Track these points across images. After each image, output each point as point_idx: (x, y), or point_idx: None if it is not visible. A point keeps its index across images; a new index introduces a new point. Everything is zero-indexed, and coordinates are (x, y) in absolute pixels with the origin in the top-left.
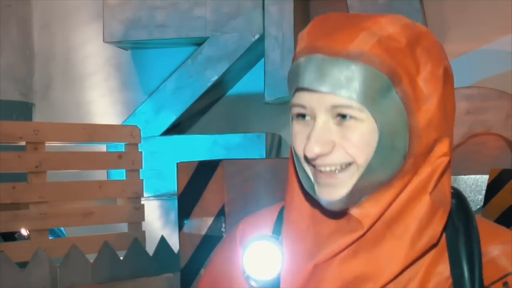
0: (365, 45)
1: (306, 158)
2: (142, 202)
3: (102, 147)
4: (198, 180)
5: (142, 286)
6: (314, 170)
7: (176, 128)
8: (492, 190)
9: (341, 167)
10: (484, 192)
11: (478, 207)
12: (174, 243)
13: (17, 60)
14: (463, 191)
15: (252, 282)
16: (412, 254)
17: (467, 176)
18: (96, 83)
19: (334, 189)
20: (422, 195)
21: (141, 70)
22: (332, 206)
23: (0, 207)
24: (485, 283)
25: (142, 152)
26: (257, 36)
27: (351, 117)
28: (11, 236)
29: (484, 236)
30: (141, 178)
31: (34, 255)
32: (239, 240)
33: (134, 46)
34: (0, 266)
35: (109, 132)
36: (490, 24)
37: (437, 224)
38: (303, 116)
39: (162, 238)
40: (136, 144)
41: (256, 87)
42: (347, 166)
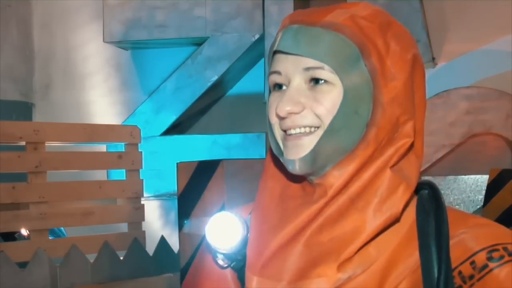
0: (338, 18)
1: (278, 120)
2: (142, 202)
3: (102, 147)
4: (198, 180)
5: (142, 286)
6: (284, 135)
7: (176, 128)
8: (492, 190)
9: (309, 130)
10: (484, 192)
11: (478, 207)
12: (174, 243)
13: (17, 60)
14: (463, 191)
15: (220, 256)
16: (373, 226)
17: (467, 176)
18: (96, 83)
19: (300, 148)
20: (384, 169)
21: (141, 70)
22: (297, 168)
23: (0, 207)
24: (454, 265)
25: (142, 152)
26: (257, 36)
27: (323, 81)
28: (11, 236)
29: (453, 220)
30: (141, 178)
31: (34, 255)
32: None
33: (134, 46)
34: (0, 266)
35: (109, 132)
36: (490, 24)
37: (399, 199)
38: (280, 86)
39: (162, 238)
40: (136, 144)
41: (256, 87)
42: (315, 129)
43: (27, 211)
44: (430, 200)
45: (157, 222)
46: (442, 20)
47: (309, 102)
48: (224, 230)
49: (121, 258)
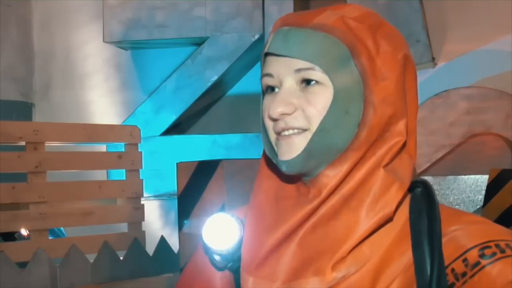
0: (328, 19)
1: (271, 123)
2: (142, 202)
3: (102, 147)
4: (198, 180)
5: (142, 286)
6: (277, 137)
7: (176, 128)
8: (492, 190)
9: (298, 131)
10: (484, 192)
11: (478, 207)
12: (174, 243)
13: (17, 60)
14: (463, 191)
15: (216, 257)
16: (367, 225)
17: (467, 176)
18: (96, 83)
19: (292, 149)
20: (377, 169)
21: (141, 70)
22: (291, 168)
23: (0, 207)
24: (446, 262)
25: (142, 152)
26: (257, 36)
27: (315, 82)
28: (11, 236)
29: (446, 217)
30: (141, 178)
31: (34, 255)
32: None
33: (134, 46)
34: (0, 266)
35: (109, 132)
36: (490, 24)
37: (392, 198)
38: (272, 89)
39: (162, 238)
40: (136, 144)
41: (256, 87)
42: (304, 131)
43: (27, 211)
44: (423, 198)
45: (157, 222)
46: (442, 20)
47: (300, 103)
48: (220, 231)
49: (121, 258)
